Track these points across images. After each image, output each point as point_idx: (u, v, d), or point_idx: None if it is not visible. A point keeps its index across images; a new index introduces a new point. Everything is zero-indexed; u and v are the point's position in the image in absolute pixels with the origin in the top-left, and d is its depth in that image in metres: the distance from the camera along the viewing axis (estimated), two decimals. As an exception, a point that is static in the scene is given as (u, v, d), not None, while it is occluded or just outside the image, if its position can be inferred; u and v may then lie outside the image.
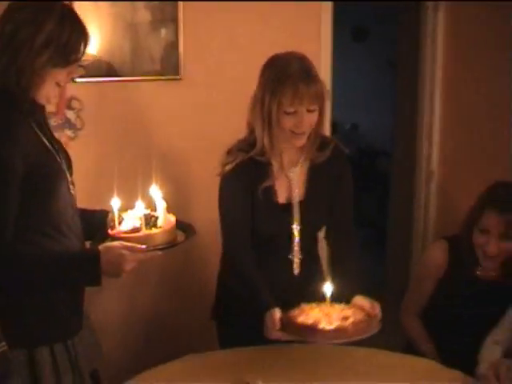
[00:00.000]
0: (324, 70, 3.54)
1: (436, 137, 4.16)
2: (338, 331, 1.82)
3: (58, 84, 1.85)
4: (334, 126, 6.80)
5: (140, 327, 3.41)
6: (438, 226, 4.13)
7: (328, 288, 1.96)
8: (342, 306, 1.99)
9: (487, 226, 2.37)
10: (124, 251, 1.85)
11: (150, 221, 1.94)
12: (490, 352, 2.19)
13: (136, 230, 1.93)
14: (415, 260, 4.22)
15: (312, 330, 1.84)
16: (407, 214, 4.53)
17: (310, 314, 1.92)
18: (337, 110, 6.10)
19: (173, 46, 3.15)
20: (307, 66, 2.08)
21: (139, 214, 1.96)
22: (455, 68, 3.99)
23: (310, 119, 2.08)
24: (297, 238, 2.25)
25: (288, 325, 1.92)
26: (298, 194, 2.24)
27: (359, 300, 2.05)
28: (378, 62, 7.00)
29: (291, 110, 2.04)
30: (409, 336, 2.55)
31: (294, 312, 1.96)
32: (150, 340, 3.38)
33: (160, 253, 1.93)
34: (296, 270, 2.28)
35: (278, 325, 1.95)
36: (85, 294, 2.02)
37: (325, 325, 1.84)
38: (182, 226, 2.04)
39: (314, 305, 1.99)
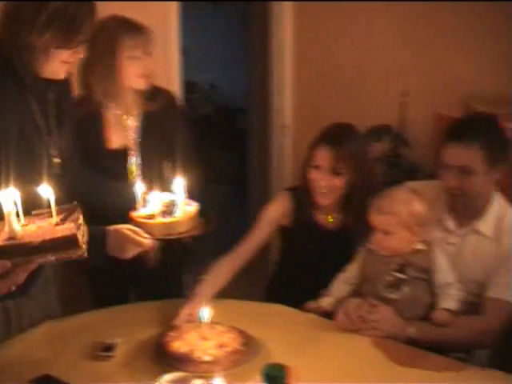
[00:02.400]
0: (173, 31, 3.57)
1: (287, 91, 4.28)
2: (213, 363, 1.81)
3: (64, 62, 1.84)
4: (194, 86, 6.86)
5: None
6: (294, 178, 4.27)
7: (205, 311, 1.93)
8: (222, 327, 1.98)
9: (318, 161, 2.38)
10: (129, 233, 1.88)
11: (168, 209, 1.91)
12: (338, 288, 2.26)
13: (151, 216, 1.91)
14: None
15: (186, 360, 1.82)
16: (264, 169, 4.67)
17: (186, 339, 1.91)
18: (195, 70, 6.14)
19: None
20: (129, 19, 2.40)
21: (163, 198, 1.95)
22: (305, 24, 4.11)
23: (149, 62, 2.40)
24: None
25: (161, 351, 1.88)
26: (133, 140, 2.44)
27: None
28: (233, 21, 7.06)
29: (136, 53, 2.36)
30: None
31: (170, 334, 1.95)
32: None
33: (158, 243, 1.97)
34: None
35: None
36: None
37: (200, 353, 1.83)
38: (204, 215, 1.99)
39: (193, 324, 1.98)
